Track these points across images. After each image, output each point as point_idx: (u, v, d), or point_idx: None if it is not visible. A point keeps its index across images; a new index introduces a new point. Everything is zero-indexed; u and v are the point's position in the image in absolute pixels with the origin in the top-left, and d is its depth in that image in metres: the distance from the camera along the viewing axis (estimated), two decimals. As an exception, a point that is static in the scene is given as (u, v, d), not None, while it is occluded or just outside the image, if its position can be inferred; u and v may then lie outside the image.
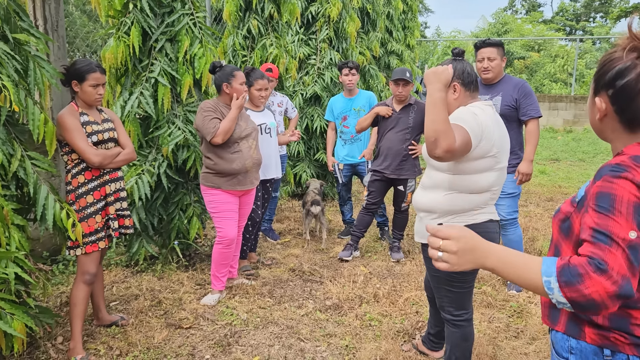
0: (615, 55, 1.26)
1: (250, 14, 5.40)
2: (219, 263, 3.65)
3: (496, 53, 3.77)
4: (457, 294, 2.44)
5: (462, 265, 1.27)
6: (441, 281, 2.42)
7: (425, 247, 2.41)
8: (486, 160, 2.23)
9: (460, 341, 2.50)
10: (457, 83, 2.29)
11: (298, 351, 3.03)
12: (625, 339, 1.27)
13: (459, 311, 2.48)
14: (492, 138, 2.19)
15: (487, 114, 2.23)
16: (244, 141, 3.60)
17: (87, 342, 3.11)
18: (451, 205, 2.29)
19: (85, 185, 2.94)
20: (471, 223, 2.31)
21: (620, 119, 1.27)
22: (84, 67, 2.89)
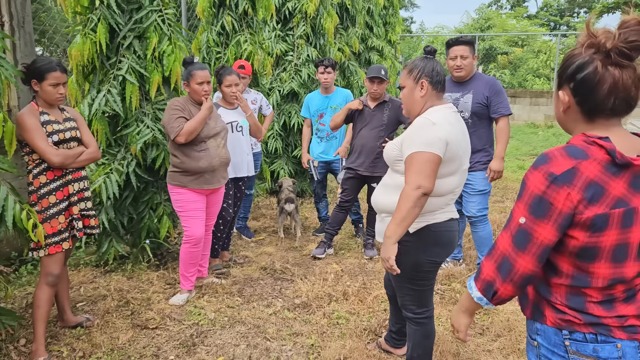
0: (576, 51, 1.37)
1: (224, 10, 5.35)
2: (187, 262, 3.63)
3: (468, 51, 3.79)
4: (418, 292, 2.45)
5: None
6: (403, 279, 2.42)
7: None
8: (449, 165, 2.26)
9: (421, 339, 2.51)
10: (425, 81, 2.32)
11: (263, 350, 3.03)
12: (579, 320, 1.36)
13: (420, 309, 2.49)
14: (454, 144, 2.23)
15: (449, 121, 2.25)
16: (211, 140, 3.57)
17: (50, 343, 3.07)
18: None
19: (47, 185, 2.90)
20: (432, 222, 2.33)
21: (581, 109, 1.37)
22: (43, 65, 2.84)
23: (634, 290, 1.38)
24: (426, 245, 2.33)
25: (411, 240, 2.32)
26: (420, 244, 2.33)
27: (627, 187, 1.28)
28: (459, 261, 4.37)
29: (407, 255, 2.33)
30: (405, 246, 2.31)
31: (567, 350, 1.38)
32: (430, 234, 2.32)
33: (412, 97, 2.36)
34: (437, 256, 2.37)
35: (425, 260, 2.35)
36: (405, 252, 2.31)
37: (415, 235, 2.32)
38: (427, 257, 2.35)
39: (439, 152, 2.17)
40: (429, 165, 2.15)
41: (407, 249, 2.32)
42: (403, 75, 2.40)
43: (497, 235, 4.98)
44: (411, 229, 2.31)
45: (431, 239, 2.33)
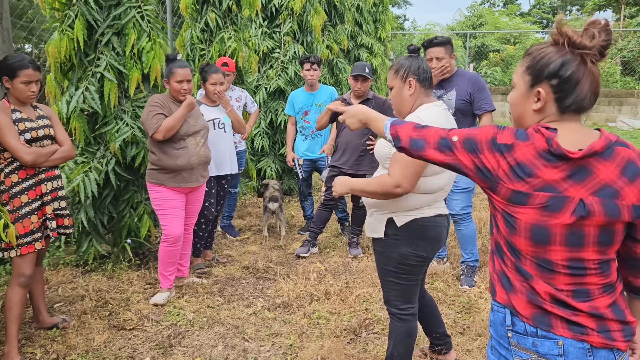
0: (550, 49, 1.39)
1: (208, 6, 5.29)
2: (165, 261, 3.58)
3: (444, 52, 3.75)
4: (404, 287, 2.43)
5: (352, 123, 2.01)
6: (389, 274, 2.41)
7: (377, 241, 2.42)
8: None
9: (404, 336, 2.48)
10: (412, 79, 2.33)
11: (241, 351, 2.99)
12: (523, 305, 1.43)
13: (405, 304, 2.46)
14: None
15: (438, 121, 2.24)
16: (190, 138, 3.53)
17: (24, 345, 3.02)
18: (402, 203, 2.30)
19: (19, 184, 2.84)
20: (420, 217, 2.33)
21: (558, 106, 1.39)
22: (15, 62, 2.79)
23: (584, 288, 1.36)
24: (413, 239, 2.33)
25: (398, 233, 2.32)
26: (406, 238, 2.33)
27: (564, 177, 1.32)
28: (442, 260, 4.35)
29: (394, 248, 2.34)
30: (393, 239, 2.33)
31: (510, 342, 1.43)
32: (417, 227, 2.32)
33: (400, 96, 2.37)
34: (423, 250, 2.36)
35: (411, 254, 2.34)
36: (392, 245, 2.34)
37: (402, 228, 2.32)
38: (413, 250, 2.34)
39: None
40: (413, 167, 2.16)
41: (394, 242, 2.34)
42: (390, 76, 2.40)
43: (483, 234, 4.96)
44: (398, 223, 2.31)
45: (418, 232, 2.33)
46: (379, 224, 2.37)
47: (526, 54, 1.45)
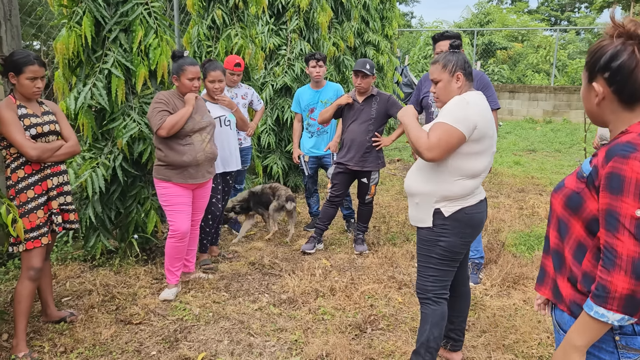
0: (604, 42, 1.40)
1: (214, 3, 5.30)
2: (172, 257, 3.60)
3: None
4: (444, 273, 2.53)
5: None
6: (431, 261, 2.52)
7: (423, 230, 2.51)
8: (480, 143, 2.38)
9: (439, 319, 2.55)
10: (460, 73, 2.46)
11: (246, 346, 3.01)
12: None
13: (442, 290, 2.56)
14: (483, 124, 2.35)
15: (480, 103, 2.40)
16: (197, 134, 3.54)
17: (33, 338, 3.06)
18: (450, 193, 2.41)
19: (26, 179, 2.87)
20: (466, 205, 2.45)
21: (619, 98, 1.39)
22: (20, 58, 2.82)
23: None
24: (460, 227, 2.45)
25: (446, 223, 2.44)
26: (454, 227, 2.44)
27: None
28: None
29: (442, 237, 2.46)
30: (441, 229, 2.45)
31: (617, 345, 1.38)
32: (464, 217, 2.44)
33: (448, 89, 2.49)
34: (469, 237, 2.50)
35: (459, 242, 2.47)
36: (439, 234, 2.46)
37: (450, 218, 2.44)
38: (461, 238, 2.46)
39: (463, 130, 2.30)
40: (448, 138, 2.30)
41: (442, 232, 2.45)
42: (436, 70, 2.50)
43: (488, 231, 4.95)
44: (446, 213, 2.44)
45: (465, 221, 2.45)
46: (426, 214, 2.47)
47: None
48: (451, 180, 2.42)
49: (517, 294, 3.72)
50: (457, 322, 2.80)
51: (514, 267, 4.06)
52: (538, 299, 1.75)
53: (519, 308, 3.50)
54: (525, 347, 3.00)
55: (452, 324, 2.79)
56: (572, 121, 14.11)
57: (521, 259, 4.36)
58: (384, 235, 5.05)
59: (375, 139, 4.47)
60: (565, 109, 14.38)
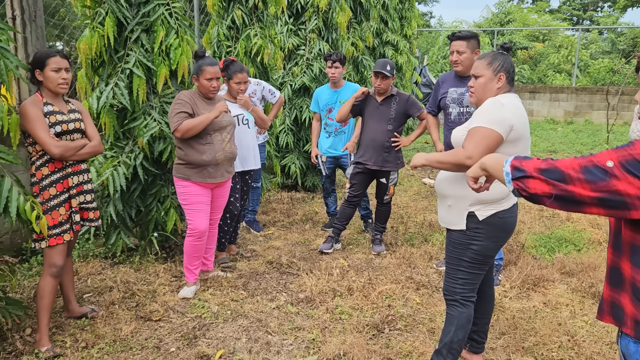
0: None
1: (234, 4, 5.34)
2: (190, 255, 3.64)
3: (465, 46, 3.71)
4: (474, 276, 2.52)
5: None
6: (462, 264, 2.50)
7: (455, 232, 2.50)
8: (517, 145, 2.37)
9: (465, 322, 2.54)
10: (503, 74, 2.44)
11: (264, 344, 3.02)
12: None
13: (471, 293, 2.55)
14: (520, 125, 2.35)
15: (515, 104, 2.40)
16: (217, 134, 3.57)
17: (55, 333, 3.11)
18: (485, 194, 2.38)
19: (49, 177, 2.93)
20: (500, 210, 2.43)
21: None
22: (42, 54, 2.90)
23: None
24: (494, 232, 2.44)
25: (480, 227, 2.43)
26: (488, 231, 2.43)
27: None
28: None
29: (475, 240, 2.44)
30: (474, 232, 2.44)
31: None
32: (497, 221, 2.43)
33: (487, 87, 2.46)
34: (502, 241, 2.50)
35: (492, 246, 2.46)
36: (472, 238, 2.45)
37: (484, 222, 2.42)
38: (494, 242, 2.46)
39: (500, 131, 2.29)
40: (487, 141, 2.27)
41: (475, 235, 2.44)
42: (481, 65, 2.47)
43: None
44: (480, 217, 2.42)
45: (499, 225, 2.44)
46: (459, 217, 2.46)
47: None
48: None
49: (537, 296, 3.68)
50: (480, 324, 2.78)
51: (534, 269, 4.02)
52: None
53: (538, 310, 3.46)
54: (545, 350, 2.96)
55: (475, 325, 2.77)
56: (594, 122, 13.89)
57: (541, 261, 4.31)
58: (402, 236, 5.03)
59: (394, 139, 4.46)
60: (587, 110, 14.17)
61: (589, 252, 4.49)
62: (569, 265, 4.13)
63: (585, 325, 3.26)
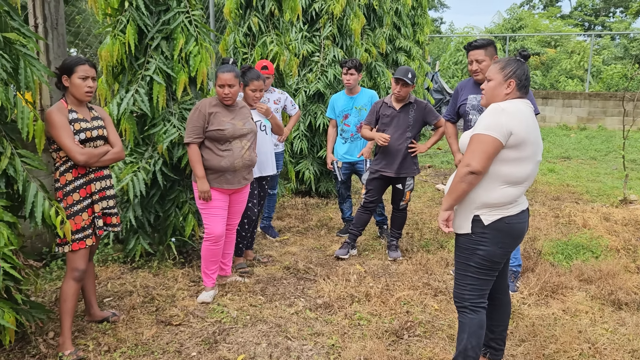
0: None
1: (250, 11, 5.40)
2: (208, 260, 3.67)
3: (484, 54, 3.72)
4: (482, 282, 2.51)
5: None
6: (469, 269, 2.50)
7: (462, 237, 2.50)
8: (520, 150, 2.36)
9: (477, 328, 2.52)
10: (513, 81, 2.45)
11: (284, 349, 3.04)
12: None
13: (480, 299, 2.53)
14: (522, 130, 2.34)
15: (519, 109, 2.39)
16: (237, 140, 3.59)
17: (77, 337, 3.15)
18: (490, 200, 2.40)
19: (72, 183, 2.97)
20: (507, 215, 2.42)
21: None
22: (72, 60, 2.95)
23: None
24: (500, 237, 2.42)
25: (486, 231, 2.42)
26: (494, 236, 2.42)
27: None
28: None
29: (480, 245, 2.44)
30: (480, 237, 2.43)
31: None
32: (504, 226, 2.41)
33: (496, 91, 2.48)
34: (509, 247, 2.47)
35: (498, 252, 2.44)
36: (478, 243, 2.44)
37: (489, 227, 2.42)
38: (500, 248, 2.44)
39: (497, 135, 2.31)
40: (482, 147, 2.31)
41: (481, 240, 2.43)
42: (494, 68, 2.49)
43: (524, 239, 4.89)
44: (485, 221, 2.41)
45: (505, 231, 2.42)
46: (465, 220, 2.46)
47: None
48: (492, 187, 2.40)
49: (556, 303, 3.67)
50: (497, 332, 2.77)
51: (552, 276, 4.00)
52: None
53: (558, 317, 3.44)
54: (565, 358, 2.95)
55: (492, 333, 2.76)
56: (608, 128, 13.80)
57: (559, 267, 4.29)
58: (417, 242, 5.03)
59: (411, 146, 4.47)
60: (601, 116, 14.08)
61: (607, 260, 4.47)
62: (587, 273, 4.11)
63: (605, 333, 3.24)
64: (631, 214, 5.60)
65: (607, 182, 7.73)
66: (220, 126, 3.51)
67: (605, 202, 6.50)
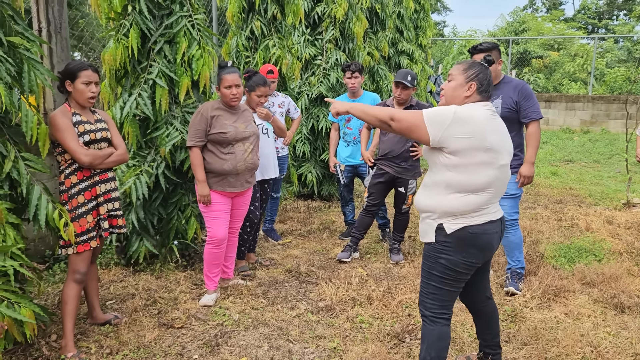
0: None
1: (253, 15, 5.42)
2: (210, 263, 3.68)
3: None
4: (445, 292, 2.43)
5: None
6: (433, 278, 2.43)
7: (427, 245, 2.46)
8: (477, 154, 2.29)
9: (435, 340, 2.45)
10: (474, 84, 2.40)
11: (286, 352, 3.04)
12: None
13: (441, 310, 2.45)
14: (478, 132, 2.27)
15: (473, 116, 2.30)
16: (239, 144, 3.60)
17: (80, 340, 3.16)
18: (450, 206, 2.34)
19: (77, 185, 2.99)
20: (470, 224, 2.35)
21: None
22: (75, 65, 2.96)
23: None
24: (463, 246, 2.36)
25: (448, 240, 2.36)
26: (457, 245, 2.36)
27: None
28: (486, 267, 4.29)
29: (443, 254, 2.37)
30: (443, 245, 2.37)
31: None
32: (467, 235, 2.34)
33: (456, 92, 2.44)
34: (473, 257, 2.38)
35: (460, 261, 2.37)
36: (441, 251, 2.38)
37: (452, 236, 2.35)
38: (463, 258, 2.37)
39: (426, 115, 2.30)
40: (414, 119, 2.33)
41: (444, 249, 2.37)
42: (457, 69, 2.46)
43: (527, 242, 4.89)
44: (448, 230, 2.35)
45: (468, 240, 2.35)
46: (430, 229, 2.41)
47: None
48: (451, 195, 2.34)
49: (558, 306, 3.66)
50: (489, 339, 2.73)
51: (555, 280, 3.99)
52: None
53: (560, 321, 3.44)
54: (568, 361, 2.94)
55: (484, 340, 2.74)
56: (611, 131, 13.78)
57: (561, 271, 4.28)
58: (420, 245, 5.03)
59: (413, 149, 4.48)
60: (604, 119, 14.05)
61: (609, 263, 4.45)
62: (590, 276, 4.10)
63: (608, 337, 3.23)
64: (634, 217, 5.59)
65: (610, 185, 7.71)
66: (223, 129, 3.52)
67: (608, 205, 6.49)
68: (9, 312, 2.55)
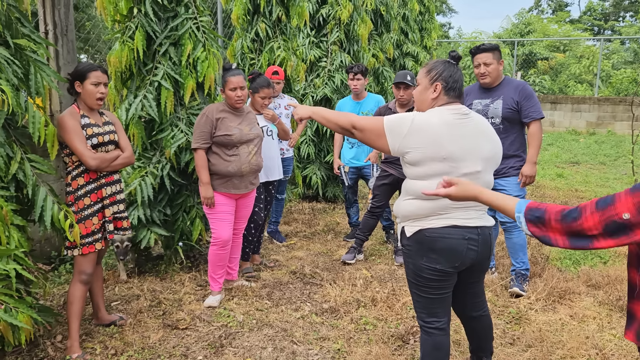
0: None
1: (258, 17, 5.44)
2: (214, 264, 3.69)
3: (492, 57, 3.76)
4: (425, 299, 2.37)
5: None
6: (411, 284, 2.43)
7: (402, 249, 2.45)
8: (433, 165, 2.20)
9: (431, 349, 2.40)
10: (439, 84, 2.31)
11: (290, 354, 3.04)
12: None
13: (430, 318, 2.39)
14: (436, 141, 2.18)
15: (431, 124, 2.21)
16: (243, 146, 3.62)
17: (85, 340, 3.17)
18: (406, 210, 2.32)
19: (84, 187, 3.01)
20: (426, 227, 2.27)
21: None
22: (85, 67, 2.99)
23: None
24: (422, 250, 2.29)
25: (409, 243, 2.34)
26: (416, 249, 2.31)
27: None
28: (491, 270, 4.29)
29: (408, 258, 2.37)
30: (407, 249, 2.37)
31: None
32: (424, 239, 2.27)
33: (422, 96, 2.37)
34: (436, 263, 2.27)
35: (424, 266, 2.29)
36: (407, 255, 2.38)
37: (411, 239, 2.32)
38: (425, 262, 2.29)
39: (386, 124, 2.25)
40: (375, 131, 2.26)
41: (408, 252, 2.37)
42: (421, 72, 2.39)
43: (532, 244, 4.87)
44: (407, 233, 2.33)
45: (426, 244, 2.28)
46: (399, 233, 2.43)
47: None
48: (409, 199, 2.31)
49: (564, 308, 3.65)
50: (485, 347, 2.67)
51: (560, 282, 3.98)
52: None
53: (565, 323, 3.42)
54: (573, 364, 2.93)
55: (474, 353, 2.72)
56: (617, 133, 13.72)
57: (566, 273, 4.26)
58: (424, 247, 5.02)
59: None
60: (610, 121, 13.99)
61: (615, 265, 4.44)
62: (595, 278, 4.08)
63: (613, 339, 3.22)
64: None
65: (616, 188, 7.68)
66: (228, 131, 3.54)
67: (614, 207, 6.45)
68: (5, 317, 2.55)
